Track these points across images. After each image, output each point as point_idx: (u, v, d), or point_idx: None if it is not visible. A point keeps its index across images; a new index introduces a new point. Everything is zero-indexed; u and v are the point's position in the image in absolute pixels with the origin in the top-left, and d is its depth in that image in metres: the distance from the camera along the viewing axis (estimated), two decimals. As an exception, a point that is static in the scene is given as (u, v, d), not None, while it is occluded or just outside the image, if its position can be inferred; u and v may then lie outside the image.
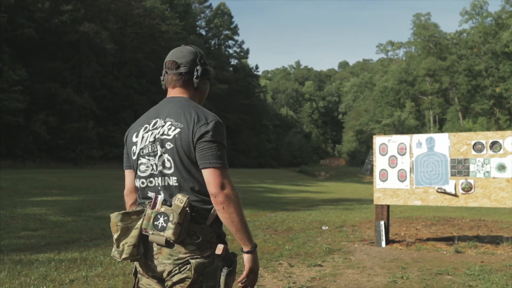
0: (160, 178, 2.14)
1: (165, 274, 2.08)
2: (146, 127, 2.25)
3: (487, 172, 7.89)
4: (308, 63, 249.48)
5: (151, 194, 2.16)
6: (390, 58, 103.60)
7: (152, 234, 2.03)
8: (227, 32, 76.13)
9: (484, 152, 7.94)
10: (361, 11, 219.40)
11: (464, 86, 71.28)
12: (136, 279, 2.25)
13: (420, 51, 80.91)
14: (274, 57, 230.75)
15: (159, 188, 2.14)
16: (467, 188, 8.00)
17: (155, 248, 2.08)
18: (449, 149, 8.15)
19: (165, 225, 1.99)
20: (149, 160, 2.18)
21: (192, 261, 2.03)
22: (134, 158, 2.26)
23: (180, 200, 2.00)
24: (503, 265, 6.64)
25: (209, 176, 2.06)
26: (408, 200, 8.50)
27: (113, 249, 2.12)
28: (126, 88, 45.44)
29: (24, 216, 11.35)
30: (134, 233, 2.08)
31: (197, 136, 2.08)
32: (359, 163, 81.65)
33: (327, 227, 10.75)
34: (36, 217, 11.33)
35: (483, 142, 7.96)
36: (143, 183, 2.21)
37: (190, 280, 2.03)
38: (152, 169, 2.17)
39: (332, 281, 5.72)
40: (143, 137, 2.23)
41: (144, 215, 2.08)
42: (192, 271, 2.02)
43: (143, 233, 2.06)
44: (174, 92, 2.33)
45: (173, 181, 2.11)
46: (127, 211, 2.14)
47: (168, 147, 2.12)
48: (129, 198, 2.39)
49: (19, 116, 33.51)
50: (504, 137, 7.86)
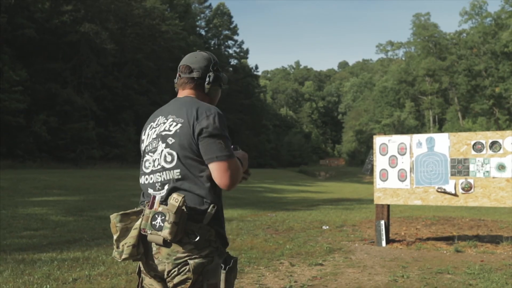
0: (161, 173, 2.19)
1: (165, 274, 2.13)
2: (151, 125, 2.33)
3: (487, 171, 7.93)
4: (308, 63, 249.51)
5: (151, 191, 2.22)
6: (389, 58, 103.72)
7: (150, 234, 2.06)
8: (226, 32, 76.20)
9: (484, 152, 7.98)
10: (361, 11, 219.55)
11: (464, 86, 71.37)
12: (140, 279, 2.30)
13: (419, 51, 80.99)
14: (274, 57, 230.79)
15: (160, 183, 2.19)
16: (467, 188, 8.04)
17: (154, 247, 2.13)
18: (449, 149, 8.20)
19: (162, 224, 2.03)
20: (151, 156, 2.25)
21: (191, 261, 2.07)
22: (142, 155, 2.34)
23: (175, 199, 2.03)
24: (503, 264, 6.69)
25: (216, 171, 2.13)
26: (408, 200, 8.54)
27: (114, 249, 2.17)
28: (126, 88, 45.46)
29: (25, 216, 11.38)
30: (133, 233, 2.11)
31: (198, 131, 2.13)
32: (359, 163, 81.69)
33: (327, 227, 10.80)
34: (37, 217, 11.37)
35: (483, 142, 8.00)
36: (146, 179, 2.27)
37: (190, 281, 2.07)
38: (154, 165, 2.23)
39: (333, 280, 5.76)
40: (148, 135, 2.31)
41: (143, 215, 2.11)
42: (191, 272, 2.06)
43: (142, 233, 2.10)
44: (183, 93, 2.39)
45: (175, 174, 2.16)
46: (126, 212, 2.17)
47: (170, 142, 2.17)
48: None
49: (19, 116, 33.55)
50: (503, 137, 7.91)
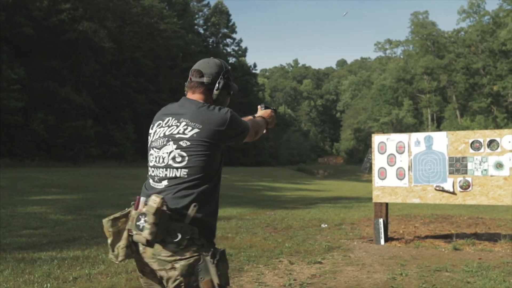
0: (163, 169, 2.27)
1: (157, 272, 2.19)
2: (160, 123, 2.41)
3: (485, 170, 7.97)
4: (306, 61, 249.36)
5: (151, 181, 2.32)
6: (388, 57, 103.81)
7: (136, 234, 2.12)
8: (225, 30, 76.18)
9: (482, 150, 8.02)
10: (359, 9, 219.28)
11: (462, 84, 71.50)
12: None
13: (418, 50, 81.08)
14: (272, 56, 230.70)
15: (159, 178, 2.27)
16: (465, 186, 8.08)
17: (141, 247, 2.19)
18: (447, 148, 8.23)
19: (144, 225, 2.07)
20: (156, 152, 2.33)
21: (177, 265, 2.11)
22: (148, 149, 2.45)
23: (153, 200, 2.08)
24: (501, 262, 6.73)
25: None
26: (407, 198, 8.57)
27: (110, 252, 2.25)
28: (125, 86, 45.43)
29: (24, 215, 11.40)
30: (125, 235, 2.19)
31: (223, 135, 2.31)
32: (357, 161, 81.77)
33: (326, 225, 10.83)
34: (36, 216, 11.39)
35: (481, 140, 8.04)
36: (149, 171, 2.38)
37: (183, 285, 2.11)
38: (156, 161, 2.31)
39: (332, 278, 5.80)
40: (155, 132, 2.39)
41: (130, 216, 2.19)
42: (181, 276, 2.10)
43: (129, 233, 2.16)
44: (193, 96, 2.47)
45: (182, 173, 2.23)
46: (116, 216, 2.25)
47: (183, 145, 2.25)
48: None
49: (17, 115, 33.53)
50: (501, 135, 7.94)
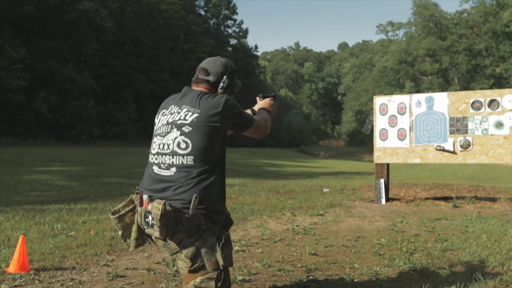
0: (171, 156, 2.38)
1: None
2: (163, 112, 2.58)
3: (485, 129, 8.07)
4: (308, 44, 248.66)
5: (155, 168, 2.43)
6: (390, 39, 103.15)
7: (147, 229, 2.33)
8: (226, 12, 75.72)
9: (482, 110, 8.11)
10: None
11: (464, 65, 71.20)
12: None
13: (420, 31, 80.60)
14: (273, 39, 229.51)
15: (167, 164, 2.39)
16: (465, 146, 8.18)
17: (153, 237, 2.37)
18: (448, 108, 8.32)
19: (153, 222, 2.25)
20: (160, 140, 2.46)
21: (184, 251, 2.28)
22: (152, 137, 2.59)
23: (156, 208, 2.21)
24: (500, 213, 6.87)
25: (250, 134, 2.58)
26: (408, 158, 8.69)
27: (123, 242, 2.53)
28: (126, 67, 45.34)
29: (31, 181, 11.56)
30: (134, 228, 2.42)
31: (220, 117, 2.37)
32: (359, 143, 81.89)
33: (328, 189, 10.97)
34: (42, 182, 11.54)
35: (482, 100, 8.13)
36: (151, 158, 2.49)
37: (191, 264, 2.29)
38: (160, 148, 2.44)
39: (334, 225, 5.94)
40: (160, 120, 2.55)
41: (137, 211, 2.39)
42: (188, 260, 2.27)
43: (141, 227, 2.39)
44: (197, 88, 2.59)
45: (188, 160, 2.35)
46: (120, 214, 2.46)
47: (186, 131, 2.37)
48: None
49: (20, 94, 33.54)
50: (502, 95, 8.03)
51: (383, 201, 8.70)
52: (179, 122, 2.39)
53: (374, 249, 4.36)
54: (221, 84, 2.57)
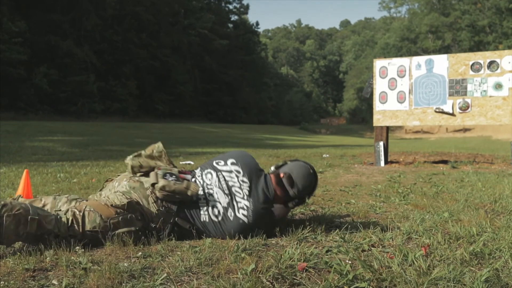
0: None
1: None
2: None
3: (484, 91, 8.11)
4: (309, 21, 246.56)
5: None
6: (392, 16, 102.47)
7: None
8: (227, -13, 75.12)
9: (482, 71, 8.14)
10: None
11: (467, 42, 70.76)
12: None
13: (423, 8, 79.97)
14: (275, 16, 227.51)
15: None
16: (464, 107, 8.23)
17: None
18: (447, 70, 8.35)
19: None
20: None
21: None
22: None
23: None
24: (497, 171, 6.95)
25: None
26: (407, 121, 8.74)
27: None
28: (126, 42, 45.19)
29: (33, 147, 11.66)
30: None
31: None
32: (360, 121, 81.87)
33: (328, 155, 11.06)
34: (44, 148, 11.65)
35: (481, 62, 8.15)
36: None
37: None
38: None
39: (333, 179, 6.02)
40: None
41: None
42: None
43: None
44: (275, 187, 2.59)
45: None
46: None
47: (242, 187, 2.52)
48: None
49: (20, 68, 33.50)
50: (501, 56, 8.05)
51: (382, 163, 8.78)
52: (227, 197, 2.50)
53: (371, 192, 4.45)
54: (292, 203, 2.61)
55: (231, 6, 75.19)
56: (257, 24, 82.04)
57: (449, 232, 2.55)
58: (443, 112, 8.41)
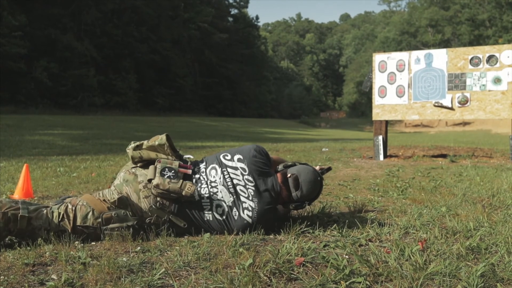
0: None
1: None
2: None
3: (483, 85, 8.11)
4: (309, 15, 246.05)
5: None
6: (392, 10, 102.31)
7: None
8: (226, -19, 74.88)
9: (481, 66, 8.14)
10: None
11: (467, 36, 70.58)
12: None
13: (423, 1, 79.77)
14: (275, 10, 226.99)
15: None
16: (463, 101, 8.24)
17: None
18: (446, 64, 8.35)
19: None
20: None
21: None
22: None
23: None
24: (495, 165, 6.96)
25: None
26: (406, 115, 8.75)
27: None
28: (126, 36, 45.10)
29: (33, 141, 11.67)
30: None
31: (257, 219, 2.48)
32: (360, 114, 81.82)
33: (327, 149, 11.07)
34: (44, 142, 11.65)
35: (480, 56, 8.15)
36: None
37: None
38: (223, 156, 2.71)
39: (332, 173, 6.04)
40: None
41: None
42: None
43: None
44: (281, 184, 2.58)
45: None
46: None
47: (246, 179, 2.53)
48: None
49: (20, 62, 33.46)
50: (500, 50, 8.05)
51: (381, 157, 8.80)
52: (233, 195, 2.49)
53: (370, 187, 4.46)
54: (293, 205, 2.59)
55: (231, 0, 75.07)
56: (257, 18, 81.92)
57: (446, 226, 2.56)
58: (442, 106, 8.42)
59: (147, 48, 46.69)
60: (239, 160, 2.55)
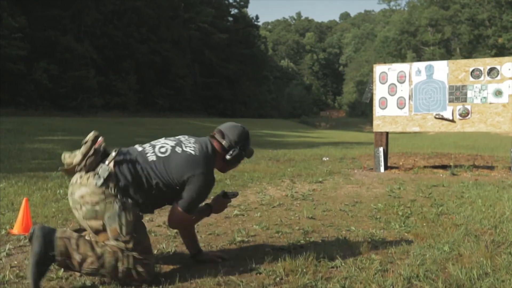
0: (152, 148, 2.74)
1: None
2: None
3: (484, 97, 8.10)
4: (309, 14, 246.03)
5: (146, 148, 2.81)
6: (392, 9, 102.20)
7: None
8: (226, -20, 74.71)
9: (482, 78, 8.13)
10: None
11: (466, 35, 70.53)
12: None
13: (422, 1, 79.69)
14: (275, 8, 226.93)
15: (152, 151, 2.74)
16: (464, 114, 8.23)
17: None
18: (447, 76, 8.34)
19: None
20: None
21: (83, 208, 2.50)
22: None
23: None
24: (496, 180, 6.95)
25: (170, 210, 2.69)
26: (407, 127, 8.74)
27: None
28: (126, 37, 45.01)
29: (32, 149, 11.65)
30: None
31: (187, 176, 2.59)
32: (359, 114, 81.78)
33: (327, 158, 11.06)
34: (44, 151, 11.64)
35: (481, 68, 8.14)
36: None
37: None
38: (150, 143, 2.82)
39: (333, 191, 6.02)
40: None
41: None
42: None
43: None
44: (213, 141, 2.80)
45: (155, 162, 2.65)
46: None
47: (178, 151, 2.67)
48: None
49: (20, 63, 33.37)
50: (501, 63, 8.04)
51: (382, 169, 8.79)
52: (183, 144, 2.71)
53: (371, 213, 4.45)
54: (231, 152, 2.77)
55: (231, 0, 74.93)
56: (257, 17, 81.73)
57: (449, 277, 2.54)
58: (443, 118, 8.41)
59: (147, 49, 46.59)
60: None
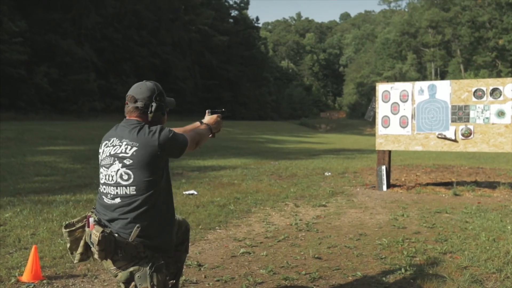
0: (114, 187, 2.52)
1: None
2: (106, 143, 2.65)
3: (487, 118, 8.12)
4: (309, 14, 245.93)
5: (104, 198, 2.57)
6: (392, 10, 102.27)
7: (92, 248, 2.46)
8: (227, -18, 74.70)
9: (485, 98, 8.15)
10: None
11: (467, 37, 70.55)
12: None
13: (423, 2, 79.71)
14: (275, 9, 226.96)
15: (112, 195, 2.53)
16: (467, 134, 8.25)
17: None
18: (450, 96, 8.36)
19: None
20: (105, 171, 2.58)
21: (119, 274, 2.45)
22: (99, 167, 2.69)
23: (95, 234, 2.37)
24: (499, 205, 6.97)
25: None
26: (409, 146, 8.76)
27: (70, 254, 2.65)
28: (127, 40, 45.05)
29: (35, 164, 11.67)
30: (82, 243, 2.55)
31: (158, 149, 2.49)
32: (360, 115, 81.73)
33: (329, 173, 11.08)
34: (46, 164, 11.66)
35: (484, 89, 8.17)
36: (100, 188, 2.63)
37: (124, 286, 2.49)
38: (106, 178, 2.56)
39: (337, 219, 6.05)
40: (103, 151, 2.64)
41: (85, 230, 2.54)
42: (122, 283, 2.46)
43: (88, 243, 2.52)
44: (130, 117, 2.67)
45: (131, 190, 2.49)
46: (71, 229, 2.58)
47: (127, 163, 2.49)
48: None
49: (20, 68, 33.40)
50: (504, 84, 8.06)
51: (384, 188, 8.82)
52: (121, 155, 2.51)
53: (376, 251, 4.47)
54: (150, 108, 2.64)
55: (231, 1, 74.90)
56: (257, 19, 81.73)
57: None
58: (445, 138, 8.43)
59: (148, 52, 46.64)
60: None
